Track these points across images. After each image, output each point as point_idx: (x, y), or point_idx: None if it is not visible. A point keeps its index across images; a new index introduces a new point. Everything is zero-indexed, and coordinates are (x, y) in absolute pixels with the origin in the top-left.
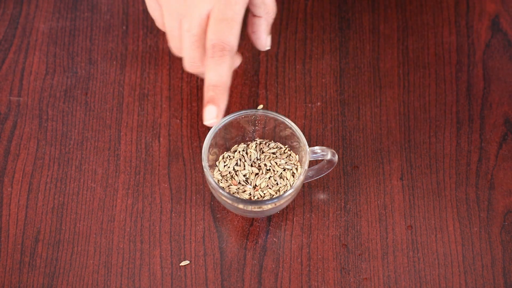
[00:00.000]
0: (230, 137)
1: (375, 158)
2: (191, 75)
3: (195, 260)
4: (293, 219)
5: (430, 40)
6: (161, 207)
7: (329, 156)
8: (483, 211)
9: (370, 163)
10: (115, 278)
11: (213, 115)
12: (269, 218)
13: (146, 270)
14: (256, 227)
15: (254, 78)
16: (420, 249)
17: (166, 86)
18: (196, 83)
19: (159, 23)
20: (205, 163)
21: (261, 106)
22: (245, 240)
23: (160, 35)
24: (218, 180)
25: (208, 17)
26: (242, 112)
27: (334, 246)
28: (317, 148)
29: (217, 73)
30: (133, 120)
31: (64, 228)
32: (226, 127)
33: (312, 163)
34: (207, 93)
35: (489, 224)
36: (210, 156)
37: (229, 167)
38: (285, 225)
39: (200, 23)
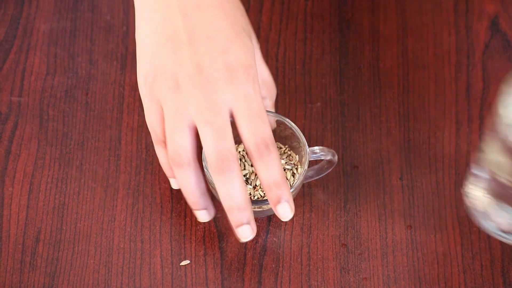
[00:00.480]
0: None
1: (375, 158)
2: None
3: (195, 259)
4: (293, 219)
5: (429, 40)
6: (161, 207)
7: (329, 156)
8: None
9: (370, 163)
10: (115, 277)
11: (288, 211)
12: (269, 218)
13: (147, 269)
14: (256, 226)
15: None
16: (419, 249)
17: None
18: None
19: (157, 135)
20: (205, 164)
21: None
22: None
23: None
24: None
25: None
26: None
27: (334, 246)
28: (317, 148)
29: (273, 171)
30: (134, 120)
31: (64, 228)
32: None
33: (312, 163)
34: (271, 193)
35: None
36: None
37: None
38: (285, 225)
39: (228, 124)
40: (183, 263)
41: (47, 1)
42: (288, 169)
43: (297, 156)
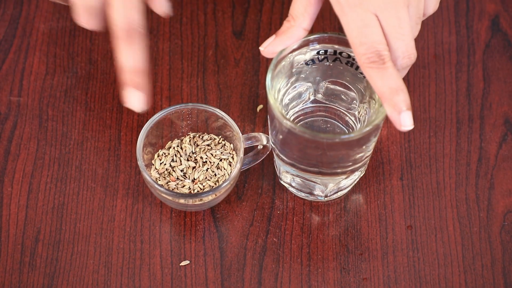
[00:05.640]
0: (163, 134)
1: (375, 158)
2: (191, 76)
3: (195, 260)
4: (293, 219)
5: (430, 40)
6: (161, 207)
7: (263, 142)
8: (483, 211)
9: (370, 163)
10: (115, 278)
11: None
12: (269, 218)
13: (146, 270)
14: (256, 227)
15: (254, 78)
16: (420, 249)
17: (166, 86)
18: (196, 83)
19: None
20: (140, 163)
21: (260, 107)
22: (245, 240)
23: (159, 35)
24: (156, 178)
25: None
26: (171, 108)
27: (334, 246)
28: (250, 135)
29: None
30: (133, 120)
31: (64, 228)
32: (157, 125)
33: (248, 150)
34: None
35: (489, 224)
36: (145, 156)
37: (165, 164)
38: (285, 225)
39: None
40: (183, 263)
41: (46, 0)
42: (224, 158)
43: (231, 145)
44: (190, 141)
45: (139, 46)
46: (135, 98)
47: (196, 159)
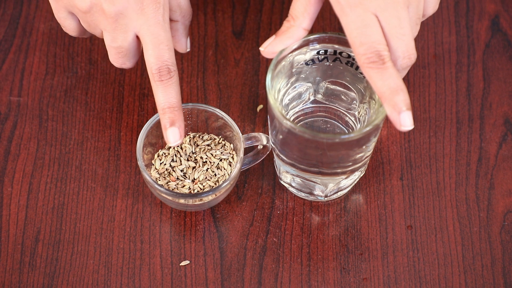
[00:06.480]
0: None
1: (375, 158)
2: (191, 76)
3: (195, 260)
4: (293, 219)
5: (429, 40)
6: (161, 207)
7: (263, 142)
8: (483, 211)
9: (370, 163)
10: (115, 278)
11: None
12: (269, 218)
13: (146, 270)
14: (256, 227)
15: (254, 78)
16: (420, 249)
17: None
18: (196, 83)
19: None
20: (140, 163)
21: (260, 107)
22: (245, 240)
23: None
24: (156, 178)
25: (136, 36)
26: None
27: (334, 246)
28: (250, 135)
29: (169, 95)
30: (133, 120)
31: (64, 228)
32: (158, 125)
33: (248, 150)
34: (164, 115)
35: (489, 224)
36: (145, 156)
37: (165, 164)
38: (285, 225)
39: (130, 41)
40: (183, 263)
41: (46, 0)
42: (224, 159)
43: (231, 145)
44: (190, 141)
45: (173, 84)
46: (171, 133)
47: (196, 159)
